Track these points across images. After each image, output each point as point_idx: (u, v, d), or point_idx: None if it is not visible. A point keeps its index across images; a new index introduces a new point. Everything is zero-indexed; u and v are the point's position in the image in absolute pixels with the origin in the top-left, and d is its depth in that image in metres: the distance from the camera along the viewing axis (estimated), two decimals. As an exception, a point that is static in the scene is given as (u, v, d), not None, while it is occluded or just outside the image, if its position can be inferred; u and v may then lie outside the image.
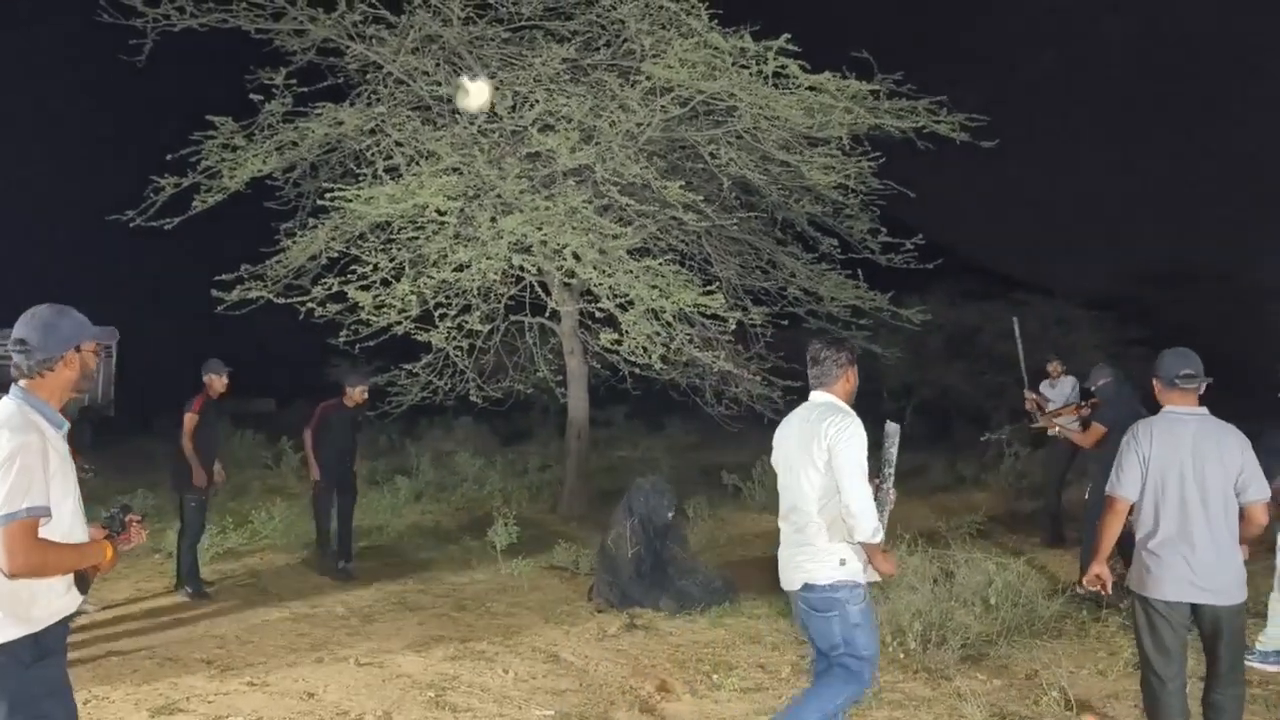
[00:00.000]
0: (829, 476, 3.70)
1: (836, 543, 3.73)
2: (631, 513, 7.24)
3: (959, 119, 9.39)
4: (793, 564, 3.85)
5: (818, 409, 3.86)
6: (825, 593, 3.72)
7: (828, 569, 3.72)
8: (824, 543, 3.74)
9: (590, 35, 9.94)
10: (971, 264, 36.71)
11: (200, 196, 9.65)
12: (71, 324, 2.83)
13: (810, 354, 3.90)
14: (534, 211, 8.48)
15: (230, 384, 7.68)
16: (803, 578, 3.78)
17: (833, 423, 3.71)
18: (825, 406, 3.85)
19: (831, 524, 3.73)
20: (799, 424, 3.91)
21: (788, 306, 10.98)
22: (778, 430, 4.03)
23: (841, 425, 3.69)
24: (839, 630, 3.70)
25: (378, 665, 5.75)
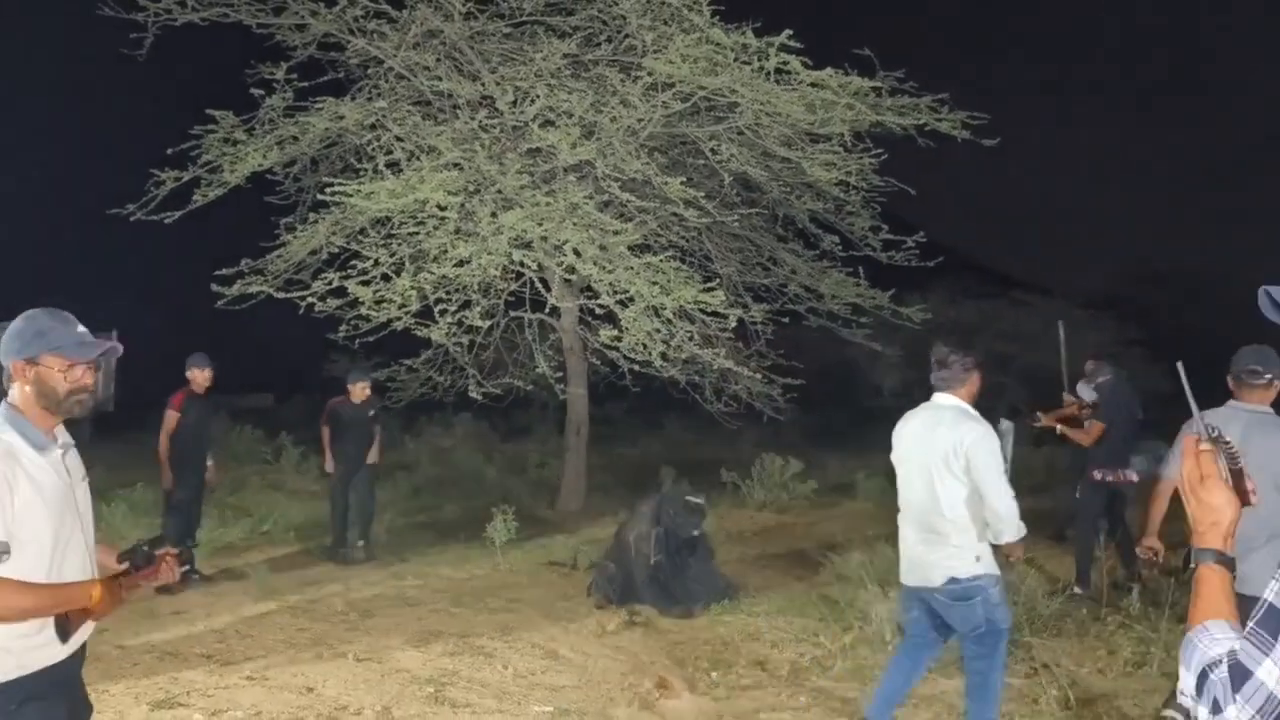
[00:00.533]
0: (966, 482, 3.89)
1: (973, 540, 3.94)
2: (658, 522, 7.23)
3: (961, 116, 9.38)
4: (929, 562, 4.04)
5: (949, 413, 4.02)
6: (968, 584, 3.93)
7: (968, 565, 3.93)
8: (962, 541, 3.94)
9: (591, 31, 9.93)
10: (971, 262, 36.71)
11: (201, 191, 9.64)
12: (31, 331, 2.42)
13: (936, 356, 4.07)
14: (534, 207, 8.47)
15: (215, 378, 7.59)
16: (945, 574, 3.97)
17: (969, 430, 3.90)
18: (956, 411, 4.02)
19: (968, 524, 3.93)
20: (927, 427, 4.07)
21: (788, 304, 10.97)
22: (899, 428, 4.20)
23: (979, 434, 3.88)
24: (982, 613, 3.95)
25: (376, 660, 5.75)
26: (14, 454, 2.32)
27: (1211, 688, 1.29)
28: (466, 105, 9.49)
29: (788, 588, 7.71)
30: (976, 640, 4.04)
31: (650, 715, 4.99)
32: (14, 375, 2.42)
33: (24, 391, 2.42)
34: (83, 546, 2.49)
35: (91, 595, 2.41)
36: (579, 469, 11.22)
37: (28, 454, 2.36)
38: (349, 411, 8.48)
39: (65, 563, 2.41)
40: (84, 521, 2.51)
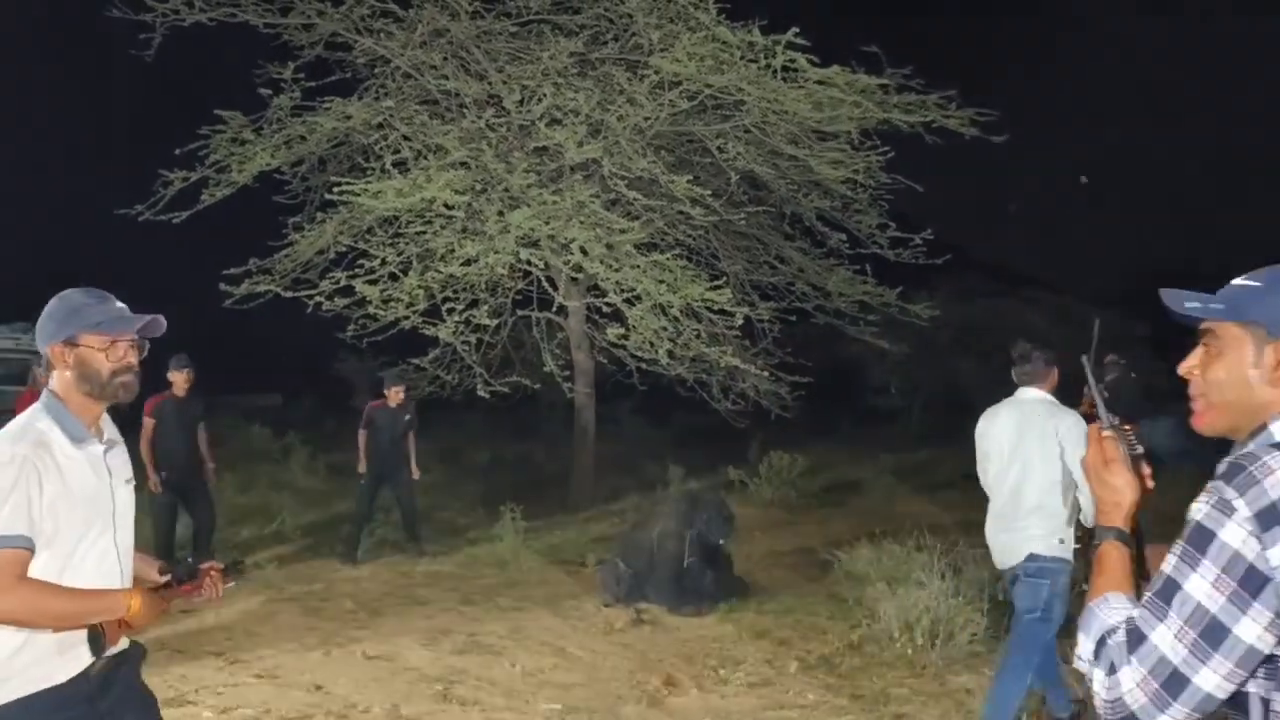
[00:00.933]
0: (1060, 467, 4.15)
1: (1061, 524, 4.21)
2: (691, 524, 7.23)
3: (969, 114, 9.35)
4: (1015, 542, 4.27)
5: (1040, 405, 4.32)
6: (1044, 563, 4.18)
7: (1051, 546, 4.19)
8: (1050, 524, 4.20)
9: (598, 29, 9.93)
10: (978, 259, 36.59)
11: (209, 190, 9.67)
12: (65, 310, 2.25)
13: (1019, 352, 4.41)
14: (541, 206, 8.48)
15: (197, 378, 7.39)
16: (1028, 549, 4.21)
17: (1064, 418, 4.21)
18: (1047, 404, 4.33)
19: (1058, 508, 4.20)
20: (1017, 418, 4.34)
21: (795, 302, 10.96)
22: (985, 423, 4.47)
23: (1072, 422, 4.18)
24: (1045, 595, 4.19)
25: (386, 658, 5.76)
26: (46, 444, 2.15)
27: (1109, 652, 1.41)
28: (473, 104, 9.50)
29: (795, 585, 7.71)
30: (1027, 624, 4.25)
31: (658, 713, 5.00)
32: (54, 361, 2.24)
33: (64, 378, 2.23)
34: (113, 552, 2.29)
35: (130, 605, 2.21)
36: (586, 467, 11.23)
37: (62, 445, 2.18)
38: (385, 415, 8.59)
39: (84, 565, 2.20)
40: (119, 525, 2.31)
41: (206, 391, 7.80)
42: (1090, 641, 1.47)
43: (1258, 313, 1.48)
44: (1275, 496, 1.34)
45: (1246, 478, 1.37)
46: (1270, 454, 1.39)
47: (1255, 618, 1.33)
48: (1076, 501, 4.19)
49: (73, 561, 2.18)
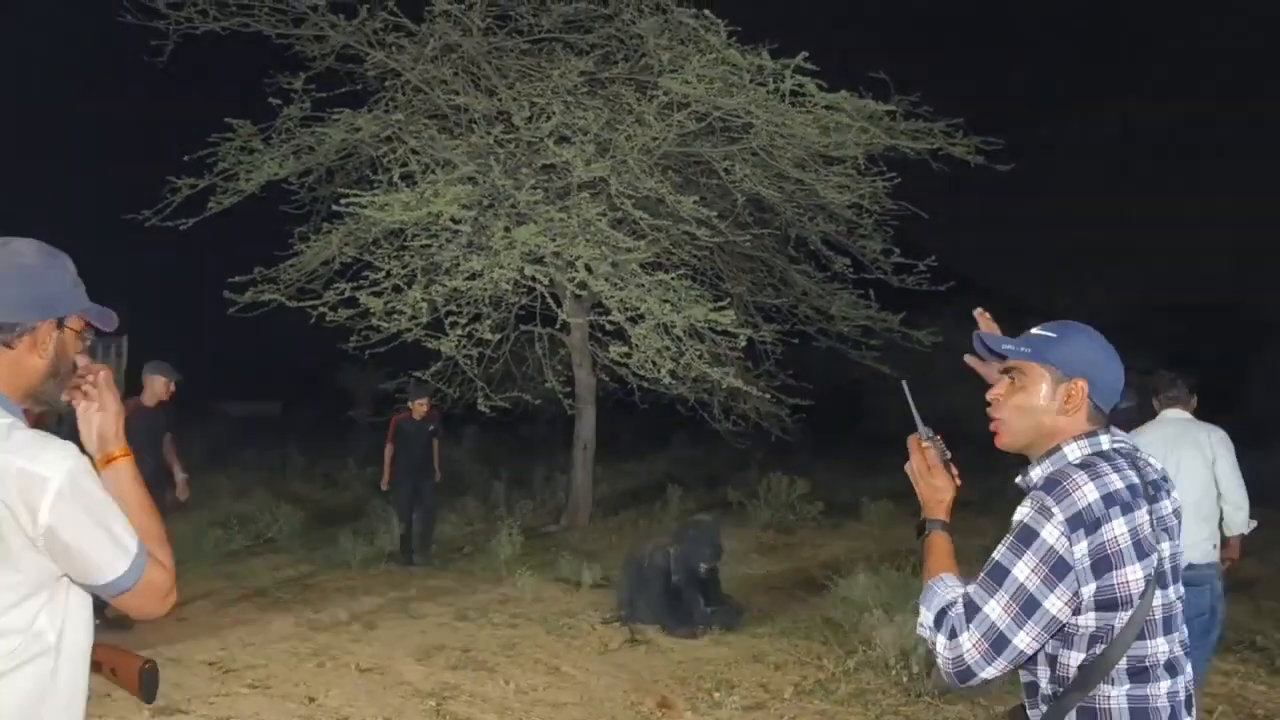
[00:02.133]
0: (1212, 477, 4.55)
1: (1212, 530, 4.57)
2: (679, 547, 7.21)
3: (975, 141, 9.39)
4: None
5: (1187, 423, 4.72)
6: (1202, 570, 4.45)
7: (1206, 553, 4.52)
8: (1204, 531, 4.52)
9: (609, 49, 9.98)
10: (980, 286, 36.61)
11: (216, 198, 9.70)
12: (59, 281, 1.69)
13: (1165, 379, 4.81)
14: (548, 223, 8.50)
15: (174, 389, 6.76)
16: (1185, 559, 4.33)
17: (1215, 432, 4.64)
18: (1193, 421, 4.73)
19: (1210, 514, 4.57)
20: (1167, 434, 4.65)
21: (798, 325, 10.97)
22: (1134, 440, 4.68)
23: (1223, 436, 4.62)
24: (1208, 599, 4.47)
25: (379, 672, 5.74)
26: None
27: (949, 620, 1.80)
28: (483, 120, 9.54)
29: (791, 609, 7.67)
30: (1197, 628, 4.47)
31: (652, 735, 4.96)
32: (34, 338, 1.65)
33: (29, 364, 1.65)
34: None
35: None
36: (585, 485, 11.20)
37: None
38: (411, 426, 8.78)
39: None
40: None
41: (207, 397, 7.75)
42: (931, 613, 1.86)
43: (1054, 357, 1.89)
44: (1082, 506, 1.74)
45: (1061, 490, 1.76)
46: (1076, 472, 1.79)
47: (1059, 595, 1.74)
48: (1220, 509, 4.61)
49: None
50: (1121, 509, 1.76)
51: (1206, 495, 4.58)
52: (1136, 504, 1.78)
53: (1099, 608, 1.74)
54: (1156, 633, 1.79)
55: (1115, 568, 1.74)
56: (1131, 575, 1.74)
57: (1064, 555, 1.73)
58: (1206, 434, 4.65)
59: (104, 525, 1.57)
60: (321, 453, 15.18)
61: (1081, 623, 1.76)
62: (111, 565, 1.58)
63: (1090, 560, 1.73)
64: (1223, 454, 4.58)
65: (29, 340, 1.64)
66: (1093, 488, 1.76)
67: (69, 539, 1.53)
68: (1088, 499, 1.75)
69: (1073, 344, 1.91)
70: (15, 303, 1.62)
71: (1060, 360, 1.88)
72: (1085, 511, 1.74)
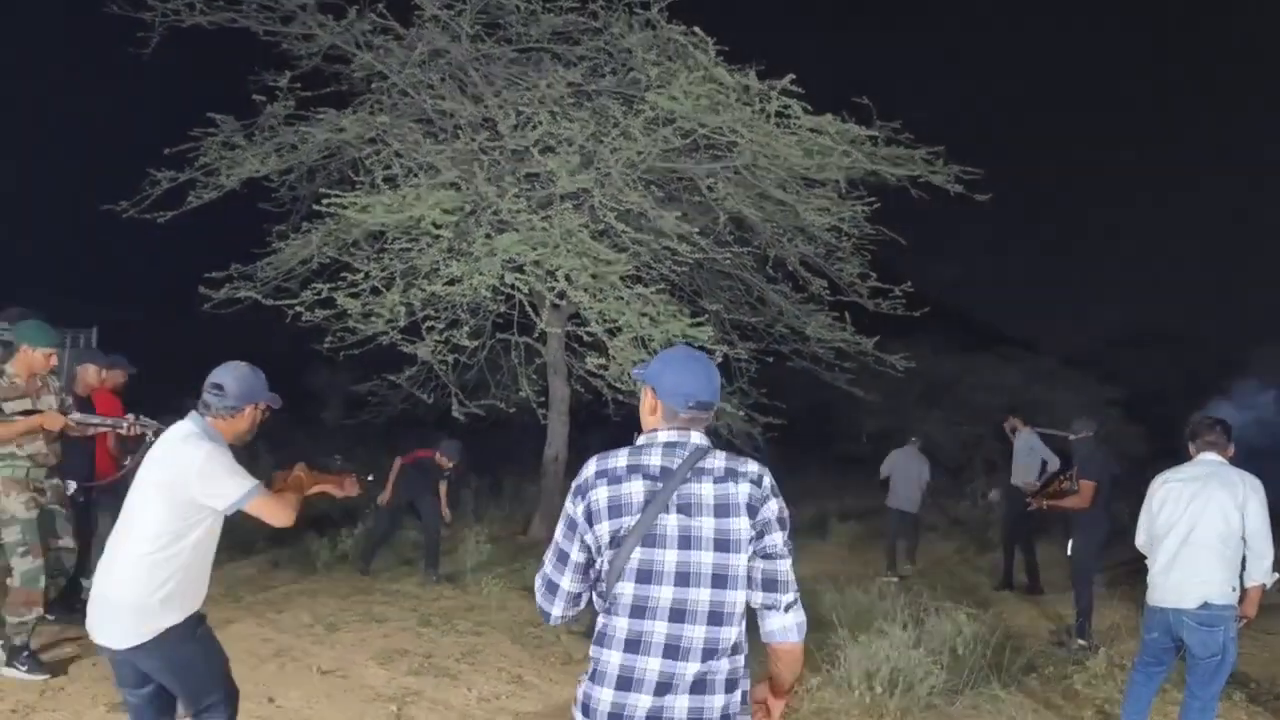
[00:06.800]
0: (1240, 523, 4.61)
1: (1233, 574, 4.64)
2: None
3: (954, 170, 9.49)
4: (1188, 585, 4.67)
5: (1226, 467, 4.79)
6: (1219, 611, 4.61)
7: (1225, 594, 4.62)
8: (1226, 573, 4.63)
9: (597, 61, 10.02)
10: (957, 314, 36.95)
11: (196, 192, 9.63)
12: (259, 383, 3.38)
13: (1205, 423, 4.91)
14: (530, 232, 8.50)
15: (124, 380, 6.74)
16: (1201, 597, 4.62)
17: (1250, 480, 4.70)
18: (1230, 466, 4.81)
19: (1234, 558, 4.63)
20: (1202, 474, 4.76)
21: (773, 344, 11.03)
22: (1167, 481, 4.87)
23: (1256, 485, 4.68)
24: (1222, 640, 4.61)
25: (340, 675, 5.69)
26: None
27: (538, 580, 2.47)
28: (468, 126, 9.54)
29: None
30: (1208, 668, 4.64)
31: (613, 747, 4.95)
32: (244, 414, 3.37)
33: (238, 423, 3.36)
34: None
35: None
36: (554, 494, 11.18)
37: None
38: (430, 464, 8.81)
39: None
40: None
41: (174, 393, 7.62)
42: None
43: (647, 375, 2.47)
44: (581, 480, 2.36)
45: (583, 468, 2.39)
46: (608, 455, 2.38)
47: (576, 545, 2.35)
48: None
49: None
50: (609, 481, 2.31)
51: (1232, 537, 4.62)
52: (629, 479, 2.30)
53: (602, 550, 2.30)
54: (630, 579, 2.28)
55: (595, 523, 2.29)
56: (604, 530, 2.28)
57: (573, 515, 2.35)
58: (1240, 477, 4.71)
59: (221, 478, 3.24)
60: (289, 453, 15.02)
61: (602, 561, 2.31)
62: (228, 495, 3.26)
63: (584, 516, 2.32)
64: (1254, 499, 4.63)
65: (242, 415, 3.38)
66: (594, 464, 2.37)
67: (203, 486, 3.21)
68: (585, 473, 2.36)
69: (651, 363, 2.50)
70: (239, 396, 3.34)
71: (647, 376, 2.47)
72: (583, 483, 2.35)
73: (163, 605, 3.17)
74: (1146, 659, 4.94)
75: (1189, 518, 4.72)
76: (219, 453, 3.23)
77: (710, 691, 2.29)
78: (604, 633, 2.33)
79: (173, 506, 3.18)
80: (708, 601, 2.29)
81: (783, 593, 2.39)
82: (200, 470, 3.17)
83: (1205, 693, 4.69)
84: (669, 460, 2.34)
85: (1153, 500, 4.94)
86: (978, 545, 12.88)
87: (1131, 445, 19.32)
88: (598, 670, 2.33)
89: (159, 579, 3.16)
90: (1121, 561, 10.58)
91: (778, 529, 2.37)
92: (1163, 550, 4.79)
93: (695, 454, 2.35)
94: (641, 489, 2.30)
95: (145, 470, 3.26)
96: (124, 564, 3.19)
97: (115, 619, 3.17)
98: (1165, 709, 5.52)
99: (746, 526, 2.32)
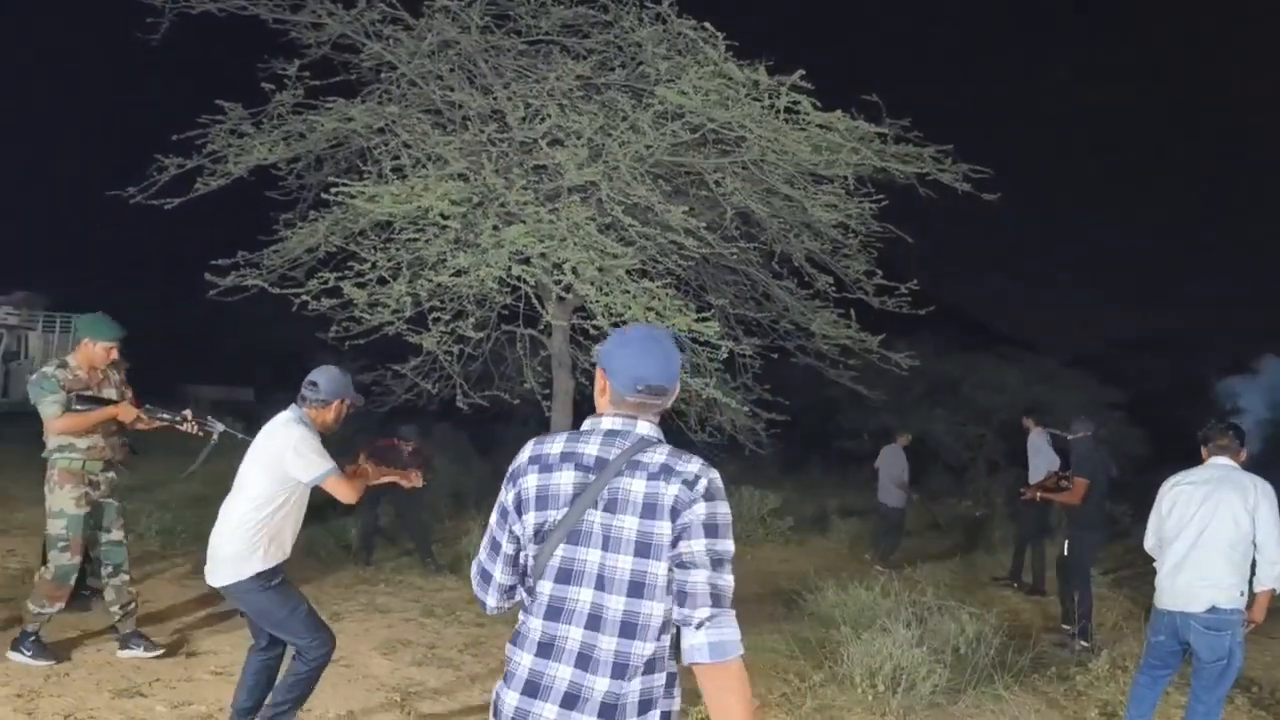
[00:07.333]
0: (1250, 528, 4.62)
1: (1242, 579, 4.67)
2: None
3: (963, 169, 9.46)
4: (1196, 588, 4.70)
5: (1237, 472, 4.82)
6: (1226, 615, 4.63)
7: (1233, 599, 4.64)
8: (1235, 578, 4.65)
9: (606, 55, 9.98)
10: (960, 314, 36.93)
11: (203, 179, 9.61)
12: (345, 383, 4.22)
13: (1218, 429, 4.94)
14: (537, 224, 8.48)
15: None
16: (1209, 602, 4.66)
17: (1262, 486, 4.72)
18: (1241, 471, 4.84)
19: (1242, 562, 4.66)
20: (1213, 478, 4.79)
21: (778, 340, 11.00)
22: (1177, 485, 4.91)
23: (1268, 490, 4.71)
24: (1228, 644, 4.64)
25: (344, 664, 5.70)
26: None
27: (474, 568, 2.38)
28: (477, 117, 9.51)
29: (758, 623, 7.69)
30: (1213, 671, 4.67)
31: (616, 740, 4.96)
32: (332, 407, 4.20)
33: (325, 414, 4.19)
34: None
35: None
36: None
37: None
38: (393, 454, 9.22)
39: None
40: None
41: (179, 379, 7.63)
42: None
43: (601, 353, 2.39)
44: (515, 464, 2.25)
45: (521, 451, 2.31)
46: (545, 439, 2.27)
47: (506, 535, 2.24)
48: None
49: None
50: (540, 469, 2.19)
51: (1241, 541, 4.65)
52: (561, 468, 2.17)
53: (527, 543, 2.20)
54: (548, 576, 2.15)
55: (523, 513, 2.18)
56: (530, 521, 2.17)
57: (504, 503, 2.25)
58: (1252, 481, 4.74)
59: (309, 457, 4.05)
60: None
61: (527, 555, 2.20)
62: (310, 472, 4.07)
63: (514, 504, 2.21)
64: (1265, 504, 4.66)
65: (330, 408, 4.20)
66: (529, 448, 2.27)
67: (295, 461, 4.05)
68: (520, 458, 2.27)
69: (605, 343, 2.38)
70: (329, 392, 4.18)
71: (600, 352, 2.38)
72: (516, 468, 2.24)
73: (250, 555, 4.03)
74: (1152, 662, 4.96)
75: (1199, 521, 4.72)
76: (310, 436, 4.07)
77: (621, 716, 2.06)
78: (519, 632, 2.20)
79: (271, 477, 4.04)
80: (621, 610, 2.07)
81: (692, 608, 2.05)
82: (294, 448, 4.02)
83: (1210, 697, 4.71)
84: (606, 450, 2.16)
85: (1162, 503, 4.94)
86: (980, 544, 12.89)
87: (1133, 447, 19.35)
88: (508, 671, 2.20)
89: (252, 535, 4.02)
90: (1122, 564, 10.59)
91: (699, 535, 2.07)
92: (1171, 553, 4.80)
93: (636, 446, 2.16)
94: (571, 480, 2.15)
95: (254, 447, 4.14)
96: (228, 521, 4.07)
97: (216, 563, 4.08)
98: (1169, 712, 5.54)
99: (668, 530, 2.07)
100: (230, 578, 4.06)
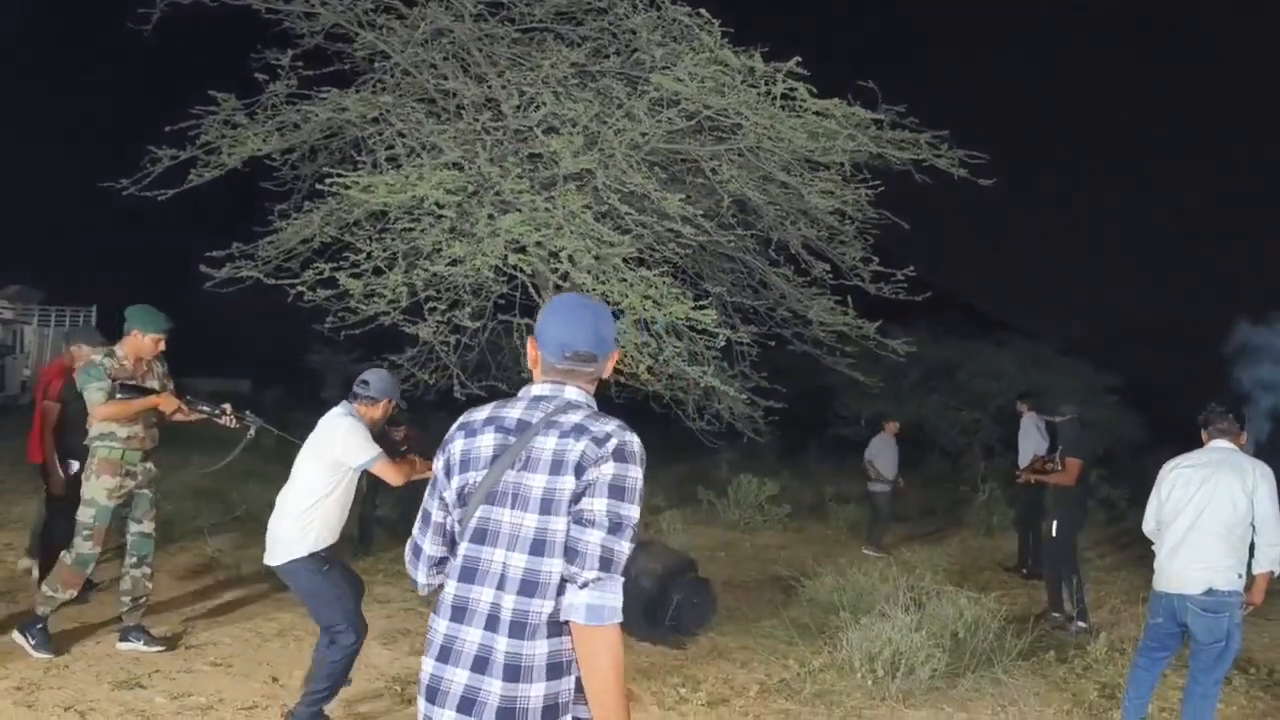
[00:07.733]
0: (1249, 509, 4.64)
1: (1240, 561, 4.68)
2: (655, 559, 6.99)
3: (960, 155, 9.45)
4: (1192, 571, 4.72)
5: (1236, 454, 4.84)
6: (1224, 597, 4.65)
7: (1230, 580, 4.66)
8: (1232, 560, 4.67)
9: (601, 42, 9.93)
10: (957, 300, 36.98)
11: (196, 171, 9.57)
12: (393, 384, 4.72)
13: (1218, 412, 4.93)
14: (533, 213, 8.46)
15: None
16: (1206, 584, 4.67)
17: (1260, 468, 4.74)
18: (1240, 453, 4.88)
19: (1240, 544, 4.67)
20: (1213, 461, 4.81)
21: (775, 327, 11.00)
22: (1176, 467, 4.93)
23: (1266, 472, 4.72)
24: (1226, 626, 4.65)
25: (344, 654, 5.70)
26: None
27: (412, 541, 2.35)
28: (471, 106, 9.47)
29: (757, 609, 7.73)
30: (1211, 653, 4.69)
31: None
32: (380, 406, 4.65)
33: (373, 411, 4.63)
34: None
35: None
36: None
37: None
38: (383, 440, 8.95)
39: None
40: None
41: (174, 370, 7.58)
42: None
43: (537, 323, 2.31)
44: (447, 434, 2.25)
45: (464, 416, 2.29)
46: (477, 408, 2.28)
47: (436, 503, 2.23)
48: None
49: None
50: (465, 434, 2.21)
51: (1240, 523, 4.66)
52: (483, 431, 2.18)
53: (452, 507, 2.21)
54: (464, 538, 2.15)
55: (450, 476, 2.20)
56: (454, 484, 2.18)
57: (436, 470, 2.26)
58: (1251, 464, 4.76)
59: (361, 443, 4.45)
60: (291, 432, 15.00)
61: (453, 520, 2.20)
62: (359, 457, 4.44)
63: (443, 470, 2.22)
64: (1264, 486, 4.68)
65: (378, 405, 4.72)
66: (461, 419, 2.29)
67: (346, 447, 4.45)
68: (451, 427, 2.28)
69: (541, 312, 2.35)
70: (378, 391, 4.70)
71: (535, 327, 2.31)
72: (447, 436, 2.25)
73: (301, 538, 4.38)
74: (1150, 644, 4.97)
75: (1197, 503, 4.73)
76: (359, 427, 4.47)
77: (526, 679, 2.00)
78: (440, 600, 2.17)
79: (322, 465, 4.42)
80: (523, 568, 2.04)
81: (580, 566, 2.00)
82: (345, 436, 4.41)
83: (1208, 678, 4.73)
84: (530, 414, 2.17)
85: (1162, 486, 4.95)
86: (978, 529, 12.92)
87: (1129, 432, 19.38)
88: (428, 639, 2.17)
89: (305, 520, 4.38)
90: (1119, 546, 10.62)
91: (603, 495, 2.03)
92: (1170, 535, 4.81)
93: (558, 408, 2.15)
94: (491, 442, 2.15)
95: (310, 438, 4.50)
96: (284, 507, 4.45)
97: (274, 545, 4.45)
98: (1166, 694, 5.56)
99: (571, 486, 2.05)
100: (284, 557, 4.43)
